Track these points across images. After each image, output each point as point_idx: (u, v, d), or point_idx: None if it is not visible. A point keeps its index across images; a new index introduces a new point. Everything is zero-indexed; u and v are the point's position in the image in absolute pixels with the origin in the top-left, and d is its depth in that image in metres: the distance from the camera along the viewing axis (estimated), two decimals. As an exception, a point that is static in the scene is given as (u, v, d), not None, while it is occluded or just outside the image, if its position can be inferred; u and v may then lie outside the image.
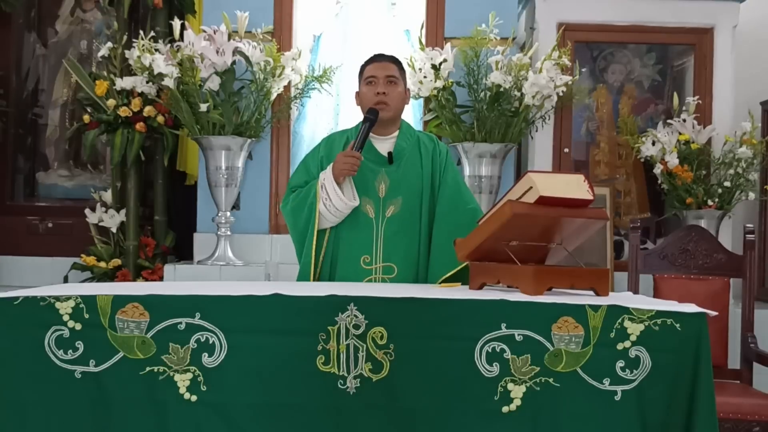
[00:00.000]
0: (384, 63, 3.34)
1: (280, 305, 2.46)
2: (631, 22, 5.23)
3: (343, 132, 3.46)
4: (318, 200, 3.19)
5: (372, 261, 3.25)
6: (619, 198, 5.37)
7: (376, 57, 3.39)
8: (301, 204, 3.25)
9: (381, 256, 3.25)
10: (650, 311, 2.43)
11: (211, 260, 4.88)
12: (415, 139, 3.38)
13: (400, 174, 3.28)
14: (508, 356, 2.43)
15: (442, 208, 3.29)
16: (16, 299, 2.45)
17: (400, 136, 3.34)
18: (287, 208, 3.31)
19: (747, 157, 4.90)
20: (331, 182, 3.17)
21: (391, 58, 3.39)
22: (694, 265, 4.05)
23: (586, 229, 2.78)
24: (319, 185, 3.20)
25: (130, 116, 5.05)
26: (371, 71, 3.32)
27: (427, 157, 3.34)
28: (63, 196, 5.84)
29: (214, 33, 4.71)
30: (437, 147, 3.39)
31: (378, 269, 3.24)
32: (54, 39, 5.89)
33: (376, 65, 3.33)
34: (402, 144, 3.33)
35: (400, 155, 3.32)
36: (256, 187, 5.12)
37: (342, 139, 3.37)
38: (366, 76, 3.33)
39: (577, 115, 5.34)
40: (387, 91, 3.27)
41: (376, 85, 3.28)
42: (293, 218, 3.29)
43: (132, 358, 2.43)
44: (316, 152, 3.39)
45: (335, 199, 3.17)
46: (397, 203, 3.28)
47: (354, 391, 2.44)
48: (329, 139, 3.44)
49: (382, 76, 3.29)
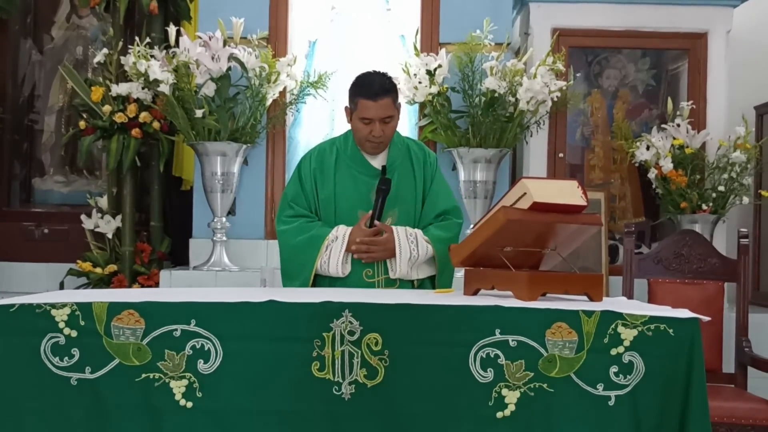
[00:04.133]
0: (380, 103, 3.18)
1: (275, 312, 2.47)
2: (625, 27, 5.25)
3: (331, 142, 3.44)
4: (318, 257, 3.20)
5: (374, 274, 3.26)
6: (613, 202, 5.39)
7: (371, 92, 3.19)
8: (301, 250, 3.24)
9: (382, 267, 3.26)
10: (643, 317, 2.44)
11: (207, 266, 4.89)
12: (405, 147, 3.39)
13: (394, 185, 3.28)
14: (502, 362, 2.44)
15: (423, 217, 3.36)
16: (11, 306, 2.45)
17: (391, 148, 3.34)
18: (287, 239, 3.28)
19: (741, 161, 4.91)
20: (337, 253, 3.19)
21: (386, 90, 3.21)
22: (688, 269, 4.07)
23: (580, 235, 2.79)
24: (324, 246, 3.20)
25: (126, 122, 5.05)
26: (367, 112, 3.20)
27: (419, 166, 3.37)
28: (59, 202, 5.84)
29: (209, 39, 4.71)
30: (427, 157, 3.41)
31: (380, 282, 3.25)
32: (50, 45, 5.89)
33: (372, 107, 3.18)
34: (394, 155, 3.34)
35: (393, 167, 3.32)
36: (251, 193, 5.12)
37: (332, 150, 3.36)
38: (361, 114, 3.21)
39: (571, 120, 5.36)
40: (383, 130, 3.22)
41: (371, 126, 3.22)
42: (290, 254, 3.29)
43: (127, 364, 2.44)
44: (307, 164, 3.37)
45: (332, 267, 3.21)
46: (394, 215, 3.29)
47: (349, 397, 2.45)
48: (320, 149, 3.41)
49: (378, 118, 3.20)
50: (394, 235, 3.21)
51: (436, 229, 3.30)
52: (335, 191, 3.31)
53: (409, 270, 3.24)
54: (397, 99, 3.27)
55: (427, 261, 3.28)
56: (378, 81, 3.23)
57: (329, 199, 3.31)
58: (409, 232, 3.25)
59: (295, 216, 3.32)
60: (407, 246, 3.21)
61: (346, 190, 3.31)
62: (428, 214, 3.35)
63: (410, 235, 3.24)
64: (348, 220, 3.27)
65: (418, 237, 3.25)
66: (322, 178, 3.32)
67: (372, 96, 3.18)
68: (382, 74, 3.30)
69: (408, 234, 3.24)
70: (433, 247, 3.25)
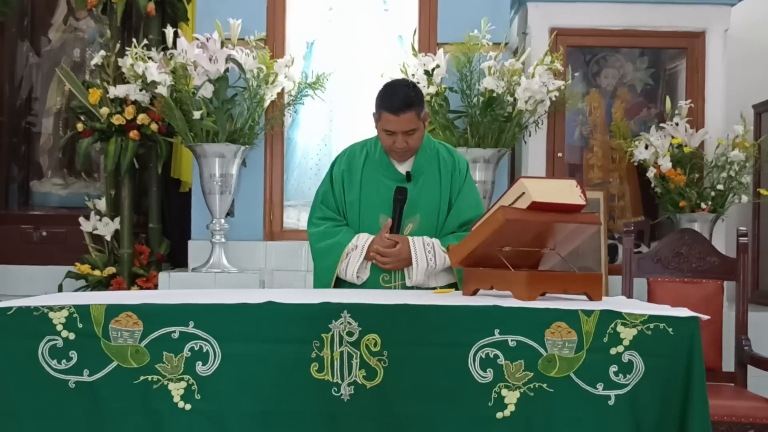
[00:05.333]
0: (402, 117, 3.13)
1: (274, 313, 2.46)
2: (623, 26, 5.25)
3: (363, 144, 3.39)
4: (338, 265, 3.23)
5: (391, 279, 3.25)
6: (612, 202, 5.39)
7: (394, 107, 3.14)
8: (324, 255, 3.28)
9: (399, 273, 3.25)
10: (643, 316, 2.44)
11: (206, 267, 4.88)
12: (434, 152, 3.34)
13: (417, 191, 3.26)
14: (501, 362, 2.43)
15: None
16: (9, 309, 2.44)
17: (419, 153, 3.29)
18: (314, 242, 3.33)
19: (739, 160, 4.91)
20: (356, 262, 3.21)
21: (408, 105, 3.14)
22: (687, 268, 4.06)
23: (578, 234, 2.79)
24: (344, 254, 3.22)
25: (124, 124, 5.06)
26: (390, 125, 3.16)
27: (446, 173, 3.32)
28: (57, 205, 5.85)
29: (206, 41, 4.71)
30: (457, 163, 3.35)
31: (397, 287, 3.25)
32: (47, 47, 5.90)
33: (394, 120, 3.14)
34: (421, 161, 3.30)
35: (419, 172, 3.29)
36: (250, 194, 5.12)
37: (362, 153, 3.34)
38: (384, 126, 3.18)
39: (570, 120, 5.36)
40: (406, 141, 3.19)
41: (394, 137, 3.18)
42: (315, 258, 3.34)
43: (126, 367, 2.43)
44: (338, 164, 3.36)
45: (350, 274, 3.23)
46: (415, 221, 3.27)
47: (348, 398, 2.44)
48: (351, 151, 3.39)
49: (400, 131, 3.16)
50: (408, 246, 3.19)
51: (455, 240, 3.25)
52: (360, 194, 3.30)
53: (426, 279, 3.23)
54: (422, 110, 3.20)
55: (445, 269, 3.25)
56: (401, 94, 3.17)
57: (354, 202, 3.30)
58: (426, 242, 3.22)
59: (324, 218, 3.33)
60: (424, 256, 3.19)
61: (370, 194, 3.29)
62: (452, 223, 3.31)
63: (428, 245, 3.22)
64: (371, 224, 3.26)
65: (436, 247, 3.22)
66: (350, 180, 3.31)
67: (394, 110, 3.14)
68: (407, 85, 3.25)
69: (425, 244, 3.21)
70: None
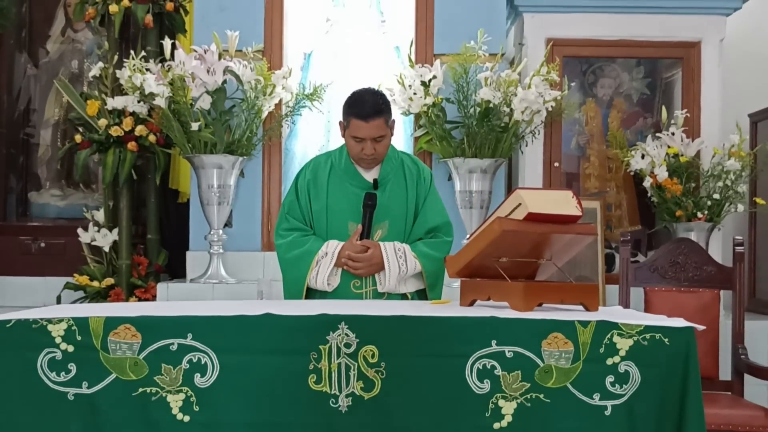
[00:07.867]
0: (372, 124, 3.18)
1: (272, 325, 2.48)
2: (619, 36, 5.27)
3: (327, 155, 3.45)
4: (308, 273, 3.24)
5: (362, 285, 3.28)
6: (609, 211, 5.40)
7: (363, 113, 3.18)
8: (294, 264, 3.29)
9: (370, 279, 3.27)
10: (639, 326, 2.45)
11: (204, 278, 4.89)
12: (399, 161, 3.40)
13: (385, 198, 3.30)
14: (498, 373, 2.44)
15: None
16: (8, 322, 2.45)
17: (385, 162, 3.35)
18: (282, 253, 3.34)
19: (735, 169, 4.92)
20: (326, 269, 3.22)
21: (377, 111, 3.19)
22: (684, 277, 4.07)
23: (575, 245, 2.80)
24: (314, 261, 3.24)
25: (122, 135, 5.07)
26: (358, 132, 3.20)
27: (412, 181, 3.38)
28: (55, 216, 5.85)
29: (204, 52, 4.72)
30: (421, 172, 3.42)
31: (368, 293, 3.27)
32: (45, 59, 5.91)
33: (363, 127, 3.18)
34: (387, 169, 3.35)
35: (386, 180, 3.34)
36: (248, 205, 5.13)
37: (327, 163, 3.38)
38: (353, 133, 3.21)
39: (566, 129, 5.37)
40: (375, 148, 3.23)
41: (363, 144, 3.22)
42: (285, 269, 3.35)
43: (124, 379, 2.44)
44: (303, 175, 3.40)
45: (320, 282, 3.25)
46: (384, 227, 3.31)
47: (346, 409, 2.45)
48: (315, 162, 3.44)
49: (369, 138, 3.21)
50: (380, 251, 3.23)
51: (425, 246, 3.31)
52: (327, 203, 3.33)
53: (397, 284, 3.26)
54: (390, 117, 3.27)
55: (415, 275, 3.30)
56: (370, 101, 3.22)
57: (321, 211, 3.33)
58: (397, 248, 3.26)
59: (291, 229, 3.35)
60: (396, 261, 3.23)
61: (338, 202, 3.33)
62: (419, 230, 3.36)
63: (399, 250, 3.26)
64: (339, 232, 3.29)
65: (407, 252, 3.27)
66: (316, 191, 3.34)
67: (363, 117, 3.18)
68: (375, 93, 3.29)
69: (396, 249, 3.26)
70: (420, 263, 3.27)
